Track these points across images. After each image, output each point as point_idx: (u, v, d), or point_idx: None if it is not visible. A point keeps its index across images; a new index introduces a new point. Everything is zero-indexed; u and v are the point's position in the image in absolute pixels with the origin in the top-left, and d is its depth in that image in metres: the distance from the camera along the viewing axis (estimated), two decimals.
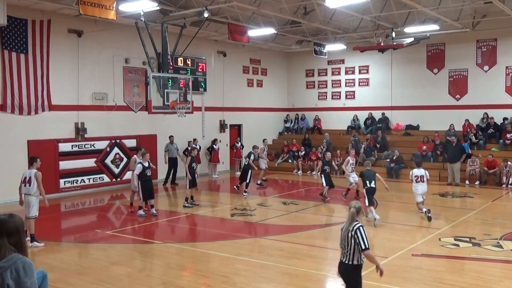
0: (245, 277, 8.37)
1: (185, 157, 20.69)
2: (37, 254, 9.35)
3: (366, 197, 12.68)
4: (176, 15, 17.26)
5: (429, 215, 12.61)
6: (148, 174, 13.63)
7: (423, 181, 13.12)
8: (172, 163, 19.98)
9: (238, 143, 23.27)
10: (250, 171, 17.13)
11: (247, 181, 17.09)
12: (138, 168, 13.51)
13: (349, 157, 16.69)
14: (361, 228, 5.87)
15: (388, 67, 24.66)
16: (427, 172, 13.41)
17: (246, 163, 17.32)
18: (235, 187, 17.74)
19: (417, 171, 13.29)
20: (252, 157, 17.42)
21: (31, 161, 10.93)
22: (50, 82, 16.82)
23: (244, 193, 16.96)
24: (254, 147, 18.54)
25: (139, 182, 13.55)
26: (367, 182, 12.78)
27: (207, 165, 22.58)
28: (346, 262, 6.03)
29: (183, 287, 7.91)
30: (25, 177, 10.66)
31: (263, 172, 19.73)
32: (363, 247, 5.92)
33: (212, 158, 22.32)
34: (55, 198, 16.59)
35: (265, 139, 21.98)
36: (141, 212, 13.71)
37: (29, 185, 10.52)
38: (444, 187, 18.87)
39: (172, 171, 20.01)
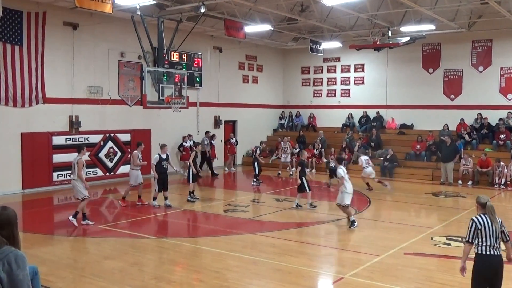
0: (237, 273, 8.38)
1: (180, 153, 20.85)
2: (29, 247, 9.32)
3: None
4: (173, 10, 17.21)
5: (355, 225, 11.77)
6: (164, 166, 14.10)
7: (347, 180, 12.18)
8: (204, 156, 21.04)
9: (232, 139, 23.26)
10: (256, 163, 18.63)
11: (256, 172, 18.67)
12: (155, 159, 13.94)
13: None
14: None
15: (384, 66, 24.71)
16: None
17: (253, 157, 18.95)
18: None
19: (342, 170, 12.27)
20: (258, 151, 18.99)
21: (78, 149, 11.96)
22: (45, 75, 16.73)
23: (253, 183, 18.68)
24: (261, 143, 20.00)
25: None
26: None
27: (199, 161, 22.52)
28: (499, 254, 5.77)
29: (175, 282, 7.92)
30: (72, 164, 11.75)
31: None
32: (508, 238, 5.89)
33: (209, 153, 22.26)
34: (48, 191, 16.58)
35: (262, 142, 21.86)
36: (155, 202, 14.10)
37: (74, 171, 11.62)
38: (437, 186, 18.96)
39: (205, 163, 21.29)
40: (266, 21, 19.54)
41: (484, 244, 5.73)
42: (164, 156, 14.14)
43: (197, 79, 22.28)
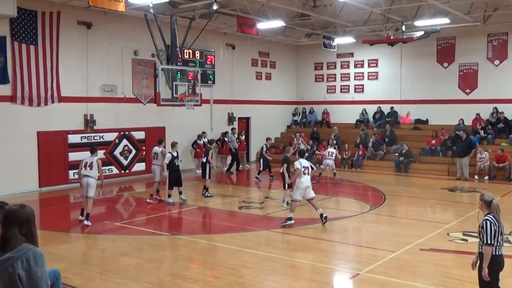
0: (252, 269, 8.39)
1: (194, 150, 20.95)
2: (46, 244, 9.41)
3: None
4: (185, 7, 17.24)
5: (289, 223, 11.48)
6: (176, 164, 14.21)
7: (309, 174, 11.69)
8: (233, 152, 21.72)
9: (242, 136, 23.25)
10: (261, 160, 19.21)
11: (261, 168, 19.10)
12: (168, 158, 14.03)
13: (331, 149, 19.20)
14: None
15: (398, 61, 24.51)
16: (311, 164, 12.11)
17: (260, 154, 19.54)
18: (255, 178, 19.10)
19: (304, 162, 11.66)
20: (264, 148, 19.38)
21: (92, 150, 12.32)
22: (60, 74, 16.89)
23: (255, 179, 18.92)
24: (268, 139, 19.91)
25: (168, 171, 14.04)
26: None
27: (216, 158, 22.58)
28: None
29: (191, 279, 7.95)
30: (86, 162, 12.02)
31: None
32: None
33: (223, 150, 22.34)
34: (64, 189, 16.75)
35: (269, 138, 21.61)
36: (170, 200, 14.21)
37: (90, 169, 11.90)
38: (453, 182, 18.78)
39: (235, 160, 21.85)
40: (278, 17, 19.48)
41: (497, 244, 5.67)
42: (175, 154, 14.19)
43: (210, 76, 22.31)
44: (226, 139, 22.12)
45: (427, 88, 23.66)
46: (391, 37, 20.01)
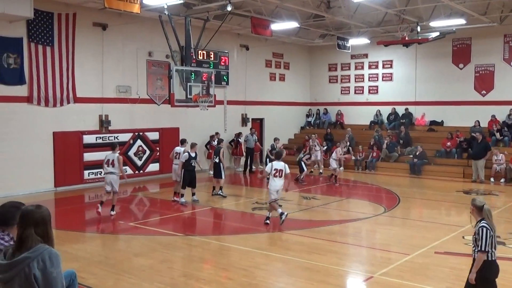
0: (265, 271, 8.38)
1: (207, 151, 21.00)
2: (61, 244, 9.49)
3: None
4: (200, 9, 17.29)
5: (283, 218, 11.53)
6: (192, 164, 14.33)
7: (281, 176, 11.53)
8: (249, 152, 21.85)
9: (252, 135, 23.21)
10: (267, 160, 19.27)
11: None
12: (184, 157, 14.17)
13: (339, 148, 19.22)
14: None
15: (413, 62, 24.34)
16: (287, 166, 11.73)
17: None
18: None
19: (277, 164, 11.67)
20: (270, 148, 19.64)
21: (113, 147, 13.15)
22: (75, 75, 17.04)
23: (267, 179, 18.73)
24: (275, 139, 19.87)
25: (182, 170, 14.15)
26: None
27: (229, 158, 22.64)
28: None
29: (204, 280, 7.97)
30: (108, 159, 12.83)
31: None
32: None
33: (237, 151, 22.38)
34: (79, 189, 16.89)
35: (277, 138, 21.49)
36: (182, 200, 14.28)
37: (112, 166, 12.70)
38: (469, 184, 18.60)
39: (249, 160, 21.92)
40: (292, 18, 19.47)
41: (492, 251, 5.67)
42: (193, 155, 14.34)
43: (224, 77, 22.35)
44: (240, 140, 22.13)
45: (442, 90, 23.46)
46: (406, 38, 19.85)
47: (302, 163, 18.80)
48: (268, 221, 11.84)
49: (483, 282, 5.70)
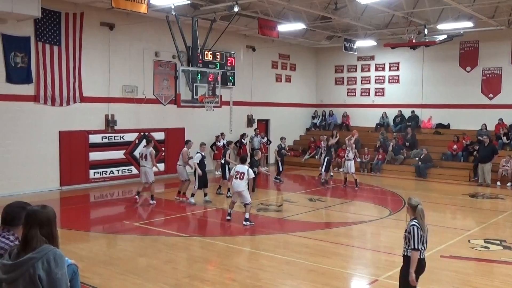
0: (270, 273, 8.36)
1: (212, 152, 21.00)
2: (66, 243, 9.51)
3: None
4: (207, 9, 17.30)
5: (228, 218, 12.19)
6: (205, 163, 14.67)
7: (242, 178, 11.80)
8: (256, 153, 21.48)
9: (263, 138, 23.22)
10: (279, 161, 19.42)
11: (280, 169, 19.34)
12: (198, 157, 14.35)
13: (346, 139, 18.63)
14: None
15: (419, 65, 24.25)
16: (251, 171, 12.03)
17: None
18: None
19: (239, 167, 12.03)
20: (279, 148, 19.60)
21: (147, 142, 14.51)
22: (82, 74, 17.08)
23: (274, 179, 19.24)
24: (282, 138, 20.09)
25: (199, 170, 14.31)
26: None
27: (235, 159, 22.58)
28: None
29: (208, 281, 7.96)
30: (142, 154, 14.22)
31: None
32: None
33: (240, 152, 22.33)
34: (84, 188, 16.93)
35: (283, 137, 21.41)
36: (192, 200, 14.37)
37: (145, 160, 13.98)
38: (475, 187, 18.50)
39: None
40: (299, 20, 19.45)
41: (422, 249, 5.86)
42: (204, 154, 14.55)
43: (230, 78, 22.36)
44: (243, 141, 22.13)
45: (449, 92, 23.36)
46: (413, 41, 19.79)
47: (326, 163, 18.36)
48: (229, 217, 12.21)
49: (407, 278, 5.89)
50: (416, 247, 5.76)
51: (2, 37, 14.99)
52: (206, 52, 20.08)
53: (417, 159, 21.48)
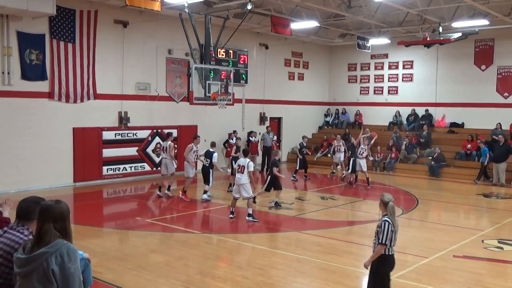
0: (281, 270, 8.36)
1: (225, 149, 21.03)
2: (79, 239, 9.59)
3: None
4: (220, 7, 17.32)
5: (231, 216, 12.23)
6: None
7: (243, 172, 11.88)
8: (266, 151, 21.66)
9: (274, 136, 23.17)
10: (298, 159, 19.33)
11: (297, 167, 19.25)
12: (215, 157, 14.55)
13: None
14: None
15: (434, 63, 24.05)
16: (251, 163, 12.05)
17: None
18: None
19: (240, 160, 12.22)
20: (299, 146, 19.51)
21: (167, 136, 15.32)
22: (96, 71, 17.20)
23: (292, 178, 19.12)
24: (304, 137, 19.87)
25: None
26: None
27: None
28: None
29: (219, 278, 7.98)
30: (163, 147, 15.38)
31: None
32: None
33: (250, 150, 22.33)
34: (98, 184, 17.06)
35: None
36: (205, 196, 14.56)
37: (165, 152, 14.90)
38: (489, 187, 18.32)
39: (266, 159, 21.63)
40: (312, 18, 19.38)
41: (391, 245, 6.02)
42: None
43: (243, 76, 22.37)
44: (251, 138, 22.11)
45: (463, 91, 23.14)
46: (428, 39, 19.62)
47: (357, 163, 17.75)
48: (232, 216, 12.22)
49: (376, 275, 6.05)
50: (384, 241, 5.90)
51: (17, 35, 15.14)
52: (219, 49, 20.11)
53: (430, 158, 21.31)
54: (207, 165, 14.53)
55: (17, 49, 15.19)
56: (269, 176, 13.70)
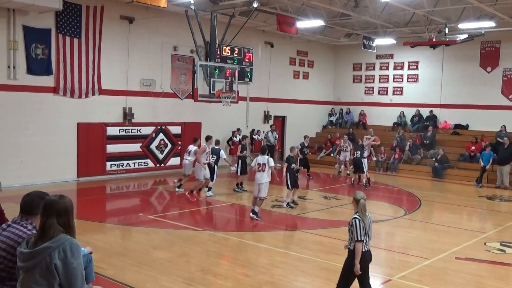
0: (283, 269, 8.37)
1: (229, 147, 21.03)
2: (82, 234, 9.62)
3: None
4: (226, 4, 17.31)
5: (253, 216, 11.97)
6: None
7: (264, 170, 11.79)
8: (270, 149, 21.18)
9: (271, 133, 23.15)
10: (298, 159, 18.97)
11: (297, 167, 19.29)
12: (222, 154, 14.94)
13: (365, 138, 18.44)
14: None
15: (439, 64, 23.99)
16: (271, 159, 11.97)
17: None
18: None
19: (260, 159, 11.99)
20: (301, 146, 18.97)
21: (195, 140, 15.12)
22: (101, 67, 17.22)
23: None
24: (305, 137, 19.53)
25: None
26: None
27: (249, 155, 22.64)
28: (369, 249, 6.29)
29: (221, 275, 7.99)
30: (189, 151, 14.86)
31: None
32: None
33: (252, 148, 22.36)
34: (101, 180, 17.10)
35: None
36: (210, 193, 14.81)
37: (189, 155, 14.87)
38: (492, 190, 18.28)
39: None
40: (318, 17, 19.34)
41: (366, 241, 6.16)
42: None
43: (248, 74, 22.36)
44: (254, 136, 22.12)
45: (468, 93, 23.08)
46: (434, 40, 19.57)
47: (363, 163, 17.32)
48: (253, 215, 12.00)
49: (351, 270, 6.14)
50: (359, 238, 6.02)
51: (23, 29, 15.18)
52: (224, 47, 20.11)
53: (434, 159, 21.27)
54: (213, 162, 14.61)
55: (23, 43, 15.23)
56: (288, 174, 13.40)
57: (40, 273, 3.47)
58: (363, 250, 6.10)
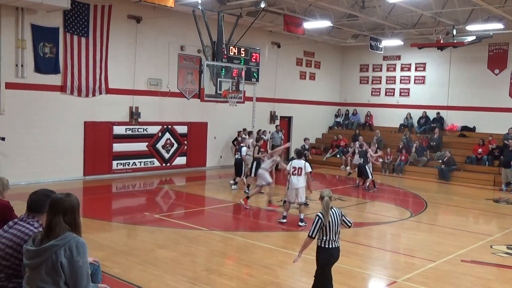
0: (288, 270, 8.36)
1: (234, 147, 21.03)
2: (88, 232, 9.65)
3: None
4: (233, 5, 17.33)
5: (283, 220, 11.65)
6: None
7: (300, 174, 11.36)
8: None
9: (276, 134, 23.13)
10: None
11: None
12: (244, 150, 15.81)
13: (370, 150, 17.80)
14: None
15: (447, 66, 23.89)
16: (307, 164, 11.62)
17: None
18: None
19: (296, 162, 11.59)
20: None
21: (249, 133, 16.78)
22: (108, 66, 17.28)
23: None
24: (306, 139, 19.73)
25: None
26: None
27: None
28: (338, 246, 6.49)
29: (226, 275, 8.00)
30: (247, 144, 15.81)
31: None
32: (351, 224, 6.78)
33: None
34: (107, 178, 17.15)
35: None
36: (235, 186, 16.05)
37: (248, 148, 15.72)
38: (498, 192, 18.20)
39: None
40: (325, 17, 19.33)
41: (328, 239, 6.32)
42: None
43: (255, 74, 22.37)
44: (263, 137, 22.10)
45: (476, 95, 22.98)
46: (441, 41, 19.50)
47: (367, 168, 17.21)
48: (284, 220, 11.74)
49: (317, 265, 6.50)
50: (311, 234, 6.30)
51: (32, 28, 15.26)
52: (231, 47, 20.12)
53: (440, 161, 21.19)
54: (239, 158, 15.84)
55: (31, 42, 15.31)
56: None
57: (46, 271, 3.48)
58: (332, 246, 6.33)
